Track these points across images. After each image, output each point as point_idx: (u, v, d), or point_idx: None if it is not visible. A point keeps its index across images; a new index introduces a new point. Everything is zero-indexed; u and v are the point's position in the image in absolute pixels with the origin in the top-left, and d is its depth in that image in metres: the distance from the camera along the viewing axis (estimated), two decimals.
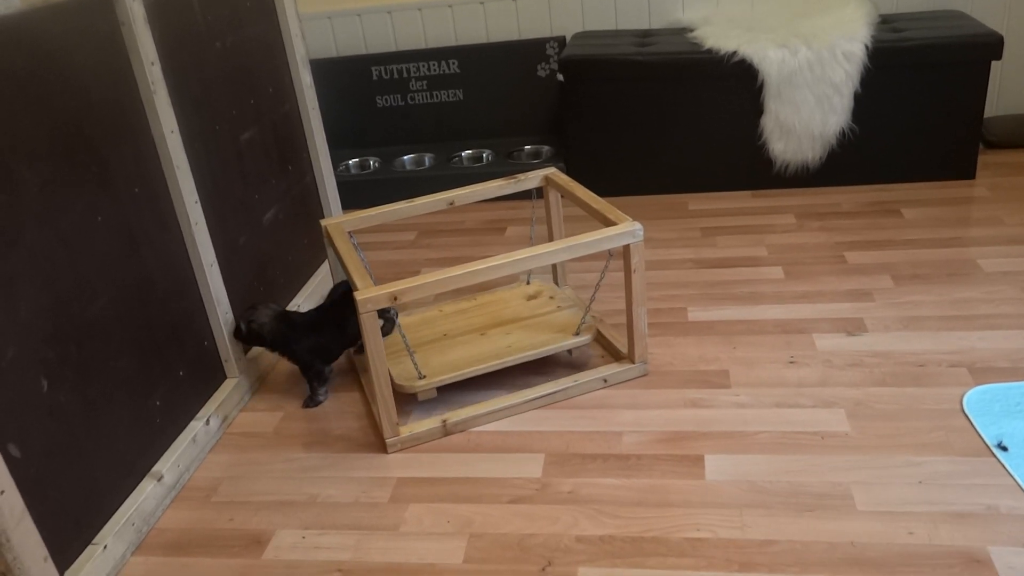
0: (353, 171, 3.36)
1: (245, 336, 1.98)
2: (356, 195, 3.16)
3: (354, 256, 1.87)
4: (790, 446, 1.69)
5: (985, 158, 3.02)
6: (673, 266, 2.48)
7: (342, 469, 1.76)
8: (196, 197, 1.88)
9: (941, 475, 1.57)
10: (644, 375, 1.97)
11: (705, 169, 2.97)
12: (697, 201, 2.94)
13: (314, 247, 2.55)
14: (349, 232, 2.04)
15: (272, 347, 2.00)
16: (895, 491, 1.54)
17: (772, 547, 1.45)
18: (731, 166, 2.95)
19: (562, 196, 2.15)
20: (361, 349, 1.96)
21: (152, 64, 1.75)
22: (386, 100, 3.45)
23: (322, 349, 2.00)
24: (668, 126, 2.92)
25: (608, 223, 1.88)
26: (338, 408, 1.99)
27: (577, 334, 2.00)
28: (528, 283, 2.31)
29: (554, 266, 2.33)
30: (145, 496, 1.65)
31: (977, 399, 1.75)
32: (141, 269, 1.72)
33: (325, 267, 2.59)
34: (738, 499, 1.57)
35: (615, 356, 2.05)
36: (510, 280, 2.40)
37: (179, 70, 1.90)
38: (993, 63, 3.05)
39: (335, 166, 3.35)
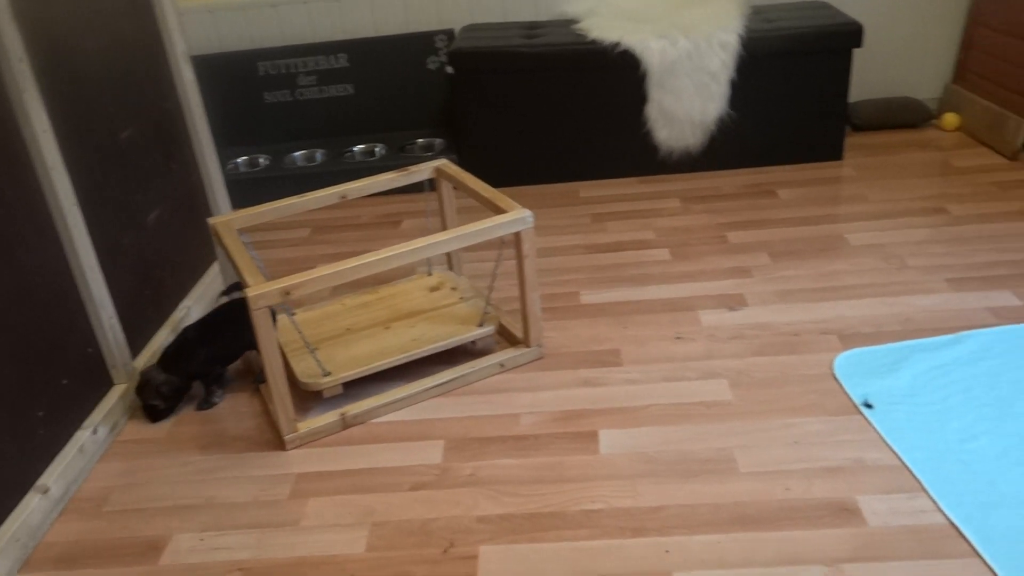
0: (242, 169, 3.29)
1: (166, 397, 1.94)
2: (246, 194, 3.10)
3: (244, 254, 1.85)
4: (678, 417, 1.78)
5: (852, 140, 3.22)
6: (564, 252, 2.55)
7: (240, 469, 1.75)
8: (74, 199, 1.82)
9: (813, 434, 1.68)
10: (540, 358, 2.03)
11: (595, 157, 3.06)
12: (588, 188, 3.02)
13: (203, 247, 2.50)
14: (239, 230, 2.02)
15: (185, 385, 1.96)
16: (773, 452, 1.65)
17: (662, 512, 1.53)
18: (620, 154, 3.04)
19: (454, 187, 2.18)
20: None
21: (20, 61, 1.69)
22: (274, 96, 3.39)
23: (219, 355, 1.97)
24: (557, 116, 2.99)
25: (499, 211, 1.92)
26: (234, 409, 1.97)
27: (481, 325, 2.04)
28: (430, 274, 2.33)
29: (449, 257, 2.36)
30: (30, 511, 1.59)
31: (845, 363, 1.88)
32: (18, 275, 1.66)
33: (215, 268, 2.54)
34: (630, 470, 1.64)
35: (511, 341, 2.10)
36: (411, 273, 2.41)
37: (50, 67, 1.83)
38: (855, 50, 3.25)
39: (223, 164, 3.28)
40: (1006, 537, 1.39)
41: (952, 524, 1.44)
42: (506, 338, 2.12)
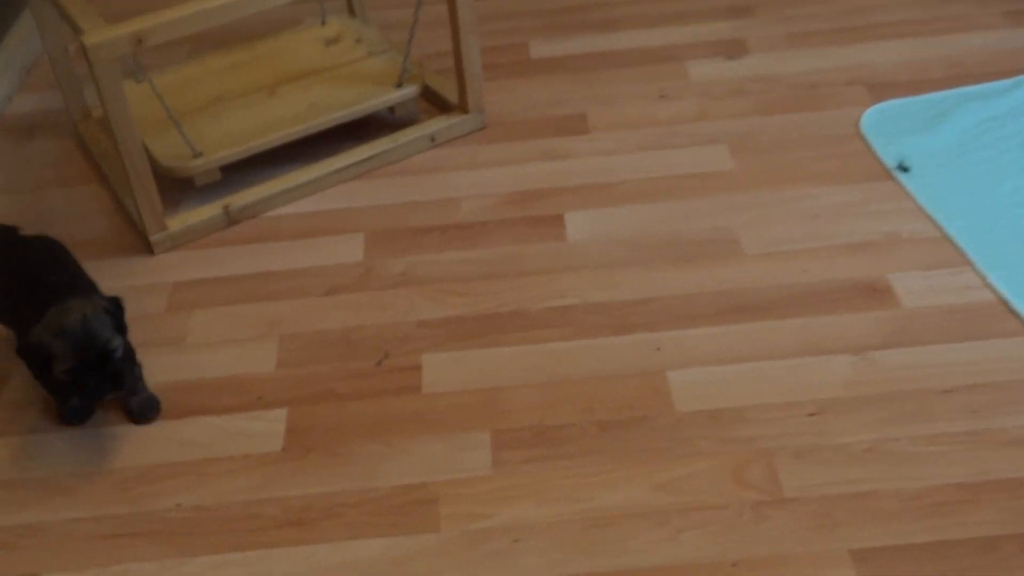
0: None
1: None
2: None
3: None
4: (665, 192, 1.84)
5: None
6: None
7: (97, 281, 1.75)
8: None
9: (836, 206, 1.77)
10: (482, 128, 2.05)
11: None
12: None
13: None
14: None
15: None
16: (786, 229, 1.73)
17: (650, 304, 1.62)
18: None
19: None
20: None
21: None
22: None
23: None
24: None
25: None
26: (73, 207, 1.95)
27: (399, 85, 2.02)
28: (324, 23, 2.27)
29: (349, 2, 2.30)
30: None
31: (875, 118, 1.95)
32: None
33: (29, 19, 2.43)
34: (607, 258, 1.71)
35: (442, 108, 2.10)
36: (298, 23, 2.35)
37: None
38: None
39: None
40: None
41: (1002, 300, 1.56)
42: (435, 104, 2.12)
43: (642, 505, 1.32)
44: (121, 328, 1.44)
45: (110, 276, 1.77)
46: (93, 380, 1.41)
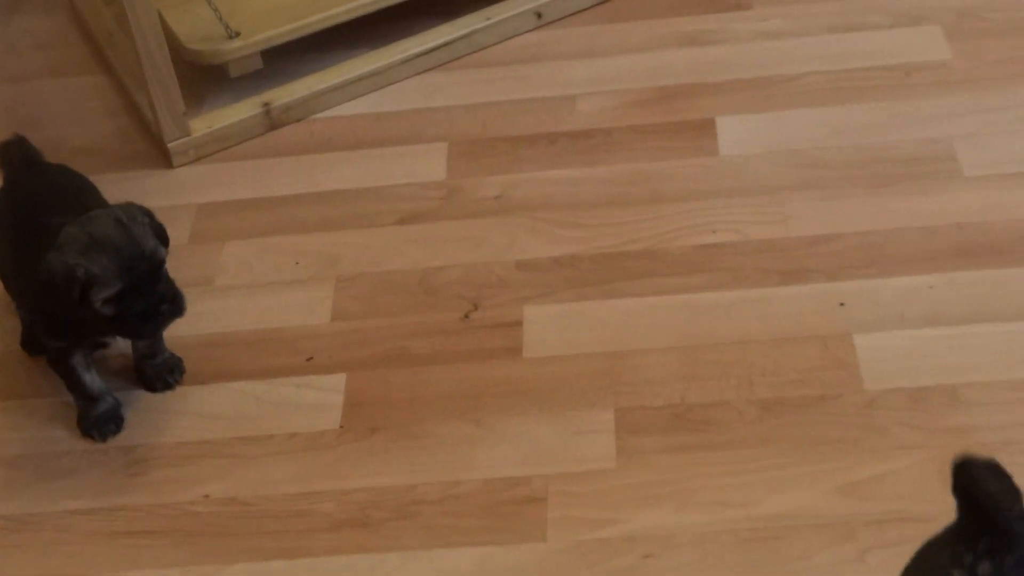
0: None
1: None
2: None
3: None
4: (856, 91, 1.80)
5: None
6: None
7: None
8: None
9: None
10: (603, 0, 2.03)
11: None
12: None
13: None
14: None
15: None
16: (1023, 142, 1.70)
17: (833, 244, 1.59)
18: None
19: None
20: None
21: None
22: None
23: None
24: None
25: None
26: (70, 103, 2.00)
27: None
28: None
29: None
30: None
31: None
32: None
33: None
34: (775, 179, 1.69)
35: None
36: None
37: None
38: None
39: None
40: None
41: None
42: None
43: (818, 513, 1.31)
44: (161, 237, 1.40)
45: (116, 195, 1.79)
46: (145, 308, 1.35)
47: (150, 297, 1.35)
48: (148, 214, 1.41)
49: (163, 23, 1.87)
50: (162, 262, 1.37)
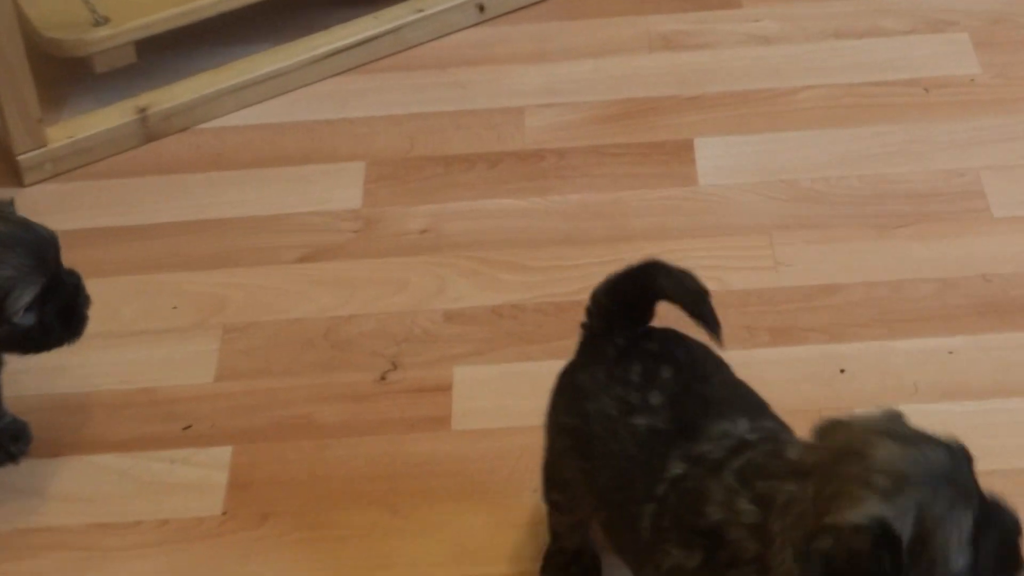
0: None
1: None
2: None
3: None
4: (864, 111, 1.82)
5: None
6: None
7: None
8: None
9: None
10: None
11: None
12: None
13: None
14: None
15: None
16: None
17: (833, 297, 1.60)
18: None
19: None
20: None
21: None
22: None
23: None
24: None
25: None
26: None
27: None
28: None
29: None
30: None
31: None
32: None
33: None
34: (765, 216, 1.70)
35: None
36: None
37: None
38: None
39: None
40: None
41: None
42: None
43: None
44: None
45: None
46: (65, 304, 1.35)
47: (62, 290, 1.35)
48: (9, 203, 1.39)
49: (15, 4, 1.85)
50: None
